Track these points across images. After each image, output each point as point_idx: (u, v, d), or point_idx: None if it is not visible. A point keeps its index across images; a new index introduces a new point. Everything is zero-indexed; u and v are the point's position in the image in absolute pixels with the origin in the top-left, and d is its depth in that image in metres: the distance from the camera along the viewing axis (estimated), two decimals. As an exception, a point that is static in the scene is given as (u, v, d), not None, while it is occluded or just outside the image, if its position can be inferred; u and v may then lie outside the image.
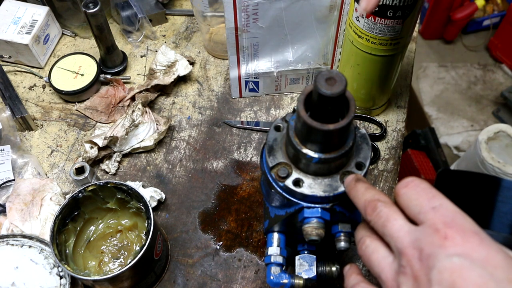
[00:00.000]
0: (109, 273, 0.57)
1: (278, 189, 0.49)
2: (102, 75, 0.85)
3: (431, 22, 2.19)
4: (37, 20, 0.87)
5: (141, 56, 0.91)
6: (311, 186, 0.47)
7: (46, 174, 0.78)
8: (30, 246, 0.65)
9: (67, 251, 0.62)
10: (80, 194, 0.61)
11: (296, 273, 0.53)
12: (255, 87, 0.84)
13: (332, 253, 0.68)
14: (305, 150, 0.45)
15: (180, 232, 0.72)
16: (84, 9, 0.76)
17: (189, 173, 0.77)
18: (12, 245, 0.65)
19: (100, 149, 0.75)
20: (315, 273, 0.53)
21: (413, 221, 0.37)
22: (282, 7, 0.71)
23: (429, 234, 0.34)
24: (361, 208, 0.41)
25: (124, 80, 0.87)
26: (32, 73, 0.89)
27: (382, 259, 0.38)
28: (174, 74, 0.83)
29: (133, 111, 0.78)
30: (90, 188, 0.62)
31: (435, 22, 2.19)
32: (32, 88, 0.88)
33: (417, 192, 0.37)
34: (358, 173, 0.47)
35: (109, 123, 0.82)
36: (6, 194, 0.72)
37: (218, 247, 0.71)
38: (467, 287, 0.31)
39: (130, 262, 0.56)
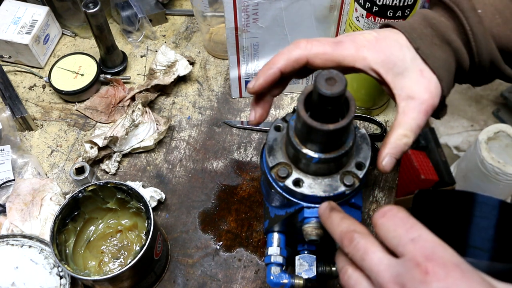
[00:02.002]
0: (109, 273, 0.57)
1: (278, 189, 0.49)
2: (102, 75, 0.85)
3: (431, 22, 2.19)
4: (37, 20, 0.87)
5: (141, 56, 0.91)
6: (311, 186, 0.47)
7: (46, 174, 0.78)
8: (30, 246, 0.65)
9: (67, 251, 0.62)
10: (80, 194, 0.61)
11: (296, 273, 0.53)
12: (255, 87, 0.84)
13: (332, 253, 0.68)
14: (305, 150, 0.45)
15: (180, 232, 0.72)
16: (84, 9, 0.76)
17: (189, 173, 0.77)
18: (12, 245, 0.65)
19: (100, 149, 0.75)
20: (315, 273, 0.53)
21: (392, 252, 0.36)
22: (282, 7, 0.71)
23: (410, 269, 0.33)
24: (338, 240, 0.40)
25: (124, 80, 0.87)
26: (32, 73, 0.89)
27: None
28: (174, 74, 0.83)
29: (133, 111, 0.78)
30: (90, 188, 0.62)
31: (435, 22, 2.19)
32: (32, 88, 0.88)
33: (395, 222, 0.36)
34: (331, 202, 0.46)
35: (109, 123, 0.82)
36: (6, 194, 0.72)
37: (218, 247, 0.71)
38: None
39: (130, 262, 0.56)
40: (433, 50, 0.47)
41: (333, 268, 0.54)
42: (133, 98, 0.83)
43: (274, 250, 0.55)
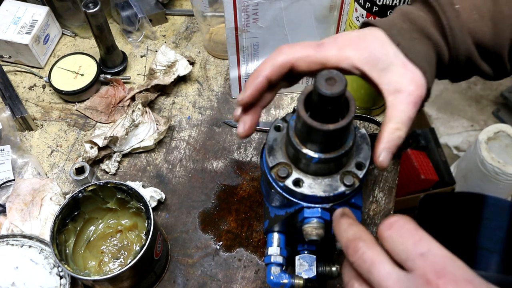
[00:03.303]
0: (109, 273, 0.57)
1: (278, 189, 0.49)
2: (102, 75, 0.85)
3: (431, 22, 2.19)
4: (37, 20, 0.87)
5: (141, 56, 0.91)
6: (311, 186, 0.47)
7: (46, 174, 0.78)
8: (30, 246, 0.65)
9: (67, 251, 0.62)
10: (80, 194, 0.61)
11: (296, 273, 0.53)
12: (255, 87, 0.84)
13: (332, 253, 0.68)
14: (305, 150, 0.45)
15: (180, 232, 0.72)
16: (84, 9, 0.76)
17: (189, 173, 0.77)
18: (12, 245, 0.65)
19: (100, 149, 0.75)
20: (315, 273, 0.53)
21: (399, 263, 0.35)
22: (282, 7, 0.71)
23: (420, 286, 0.32)
24: (343, 247, 0.39)
25: (124, 80, 0.87)
26: (32, 73, 0.89)
27: None
28: (174, 74, 0.83)
29: (133, 111, 0.78)
30: (90, 188, 0.62)
31: (435, 22, 2.18)
32: (32, 88, 0.88)
33: (402, 235, 0.35)
34: (345, 208, 0.46)
35: (109, 123, 0.82)
36: (6, 194, 0.72)
37: (218, 247, 0.71)
38: None
39: (130, 262, 0.56)
40: (413, 44, 0.47)
41: (333, 268, 0.54)
42: (133, 98, 0.83)
43: (274, 250, 0.55)
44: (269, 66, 0.48)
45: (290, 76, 0.49)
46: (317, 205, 0.48)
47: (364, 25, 0.51)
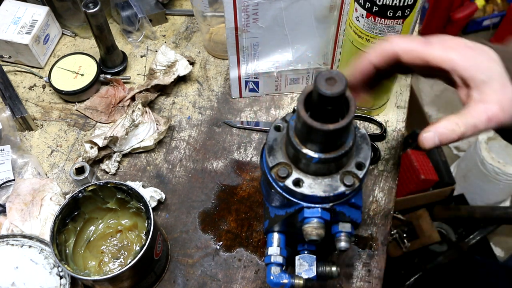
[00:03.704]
0: (109, 273, 0.57)
1: (278, 189, 0.49)
2: (102, 75, 0.85)
3: (431, 22, 2.19)
4: (37, 20, 0.87)
5: (141, 56, 0.91)
6: (311, 186, 0.47)
7: (46, 174, 0.78)
8: (30, 246, 0.65)
9: (67, 251, 0.62)
10: (80, 194, 0.61)
11: (296, 273, 0.53)
12: (255, 87, 0.84)
13: (332, 253, 0.68)
14: (305, 150, 0.45)
15: (180, 232, 0.72)
16: (84, 9, 0.76)
17: (189, 173, 0.77)
18: (12, 245, 0.65)
19: (100, 149, 0.75)
20: (315, 273, 0.53)
21: None
22: (282, 7, 0.71)
23: None
24: None
25: (124, 80, 0.87)
26: (32, 73, 0.89)
27: None
28: (174, 74, 0.83)
29: (133, 111, 0.78)
30: (90, 188, 0.62)
31: (435, 22, 2.19)
32: (32, 88, 0.88)
33: None
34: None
35: (109, 123, 0.82)
36: (6, 194, 0.72)
37: (218, 247, 0.71)
38: None
39: (130, 262, 0.56)
40: None
41: (333, 268, 0.54)
42: (133, 98, 0.83)
43: (274, 250, 0.55)
44: (375, 52, 0.50)
45: (394, 68, 0.51)
46: (317, 205, 0.48)
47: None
